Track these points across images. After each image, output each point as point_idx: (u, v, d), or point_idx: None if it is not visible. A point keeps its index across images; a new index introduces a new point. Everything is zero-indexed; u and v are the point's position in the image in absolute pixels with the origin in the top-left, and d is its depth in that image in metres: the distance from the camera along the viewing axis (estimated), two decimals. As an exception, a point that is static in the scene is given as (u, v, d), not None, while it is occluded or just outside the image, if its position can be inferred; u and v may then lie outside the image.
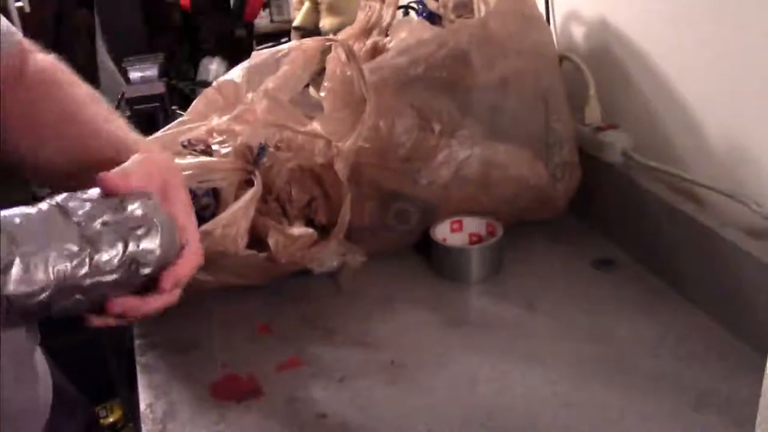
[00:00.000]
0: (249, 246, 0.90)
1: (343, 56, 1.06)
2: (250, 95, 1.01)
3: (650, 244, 0.98)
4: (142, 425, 0.78)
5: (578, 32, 1.18)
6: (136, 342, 0.92)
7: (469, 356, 0.85)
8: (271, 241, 0.90)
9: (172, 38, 2.35)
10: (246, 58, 1.08)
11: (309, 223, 0.99)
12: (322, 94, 1.11)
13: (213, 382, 0.84)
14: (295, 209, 0.98)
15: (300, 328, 0.92)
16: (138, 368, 0.86)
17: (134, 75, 1.63)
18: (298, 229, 0.93)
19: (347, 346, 0.89)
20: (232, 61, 2.62)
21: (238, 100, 1.02)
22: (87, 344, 0.92)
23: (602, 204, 1.09)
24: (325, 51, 1.09)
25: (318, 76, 1.50)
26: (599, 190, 1.09)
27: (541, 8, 1.17)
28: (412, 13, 1.20)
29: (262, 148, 0.95)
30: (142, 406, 0.80)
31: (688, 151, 0.98)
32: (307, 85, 1.60)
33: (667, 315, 0.90)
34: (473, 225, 1.05)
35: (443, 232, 1.04)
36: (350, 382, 0.83)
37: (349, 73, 1.04)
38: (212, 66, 2.63)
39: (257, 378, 0.84)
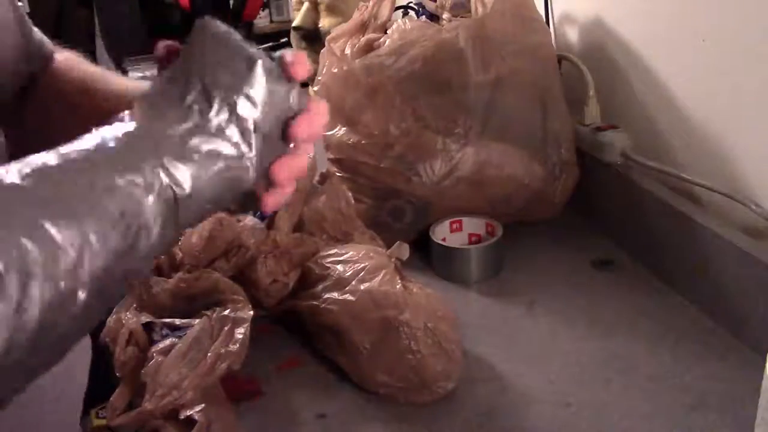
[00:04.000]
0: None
1: (337, 51, 1.06)
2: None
3: (650, 244, 0.99)
4: (143, 425, 0.78)
5: (578, 33, 1.18)
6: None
7: (469, 356, 0.85)
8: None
9: (172, 38, 2.35)
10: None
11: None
12: (316, 88, 1.11)
13: (213, 383, 0.84)
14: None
15: (300, 329, 0.92)
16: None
17: (134, 75, 1.64)
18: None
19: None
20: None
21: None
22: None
23: (602, 204, 1.09)
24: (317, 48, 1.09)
25: (312, 72, 1.50)
26: (598, 191, 1.09)
27: (541, 9, 1.17)
28: (411, 13, 1.20)
29: None
30: (142, 407, 0.80)
31: (687, 151, 0.98)
32: (307, 86, 1.61)
33: (667, 315, 0.90)
34: (473, 225, 1.05)
35: (443, 233, 1.04)
36: (350, 383, 0.83)
37: (345, 68, 1.04)
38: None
39: (257, 378, 0.84)
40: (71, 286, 0.37)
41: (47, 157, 0.39)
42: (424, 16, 1.16)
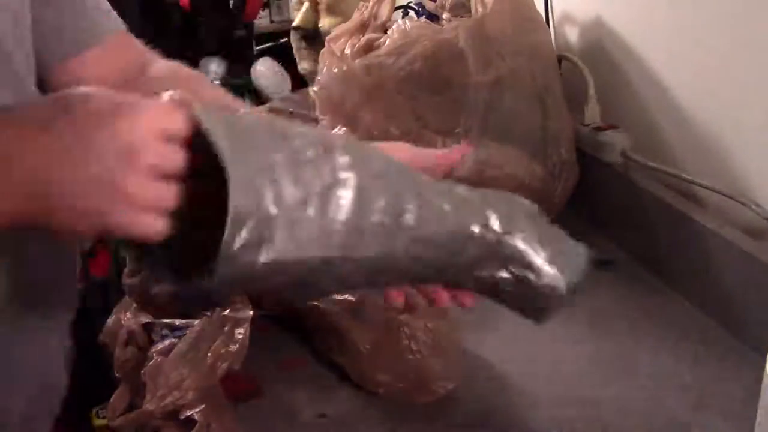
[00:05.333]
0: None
1: (337, 51, 1.06)
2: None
3: (650, 244, 0.98)
4: (142, 425, 0.78)
5: (578, 33, 1.18)
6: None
7: (469, 356, 0.85)
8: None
9: (172, 38, 2.35)
10: (245, 58, 1.08)
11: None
12: (316, 88, 1.11)
13: (213, 383, 0.83)
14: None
15: (300, 328, 0.92)
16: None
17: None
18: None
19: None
20: (231, 61, 2.63)
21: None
22: (86, 344, 0.92)
23: (602, 204, 1.09)
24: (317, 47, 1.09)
25: (312, 73, 1.51)
26: (599, 190, 1.09)
27: (541, 9, 1.17)
28: (411, 13, 1.20)
29: None
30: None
31: (687, 151, 0.98)
32: (307, 86, 1.61)
33: (667, 315, 0.90)
34: (473, 225, 1.05)
35: (443, 232, 1.04)
36: (350, 383, 0.83)
37: (345, 68, 1.04)
38: (212, 66, 2.63)
39: (257, 378, 0.84)
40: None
41: None
42: (424, 16, 1.16)
